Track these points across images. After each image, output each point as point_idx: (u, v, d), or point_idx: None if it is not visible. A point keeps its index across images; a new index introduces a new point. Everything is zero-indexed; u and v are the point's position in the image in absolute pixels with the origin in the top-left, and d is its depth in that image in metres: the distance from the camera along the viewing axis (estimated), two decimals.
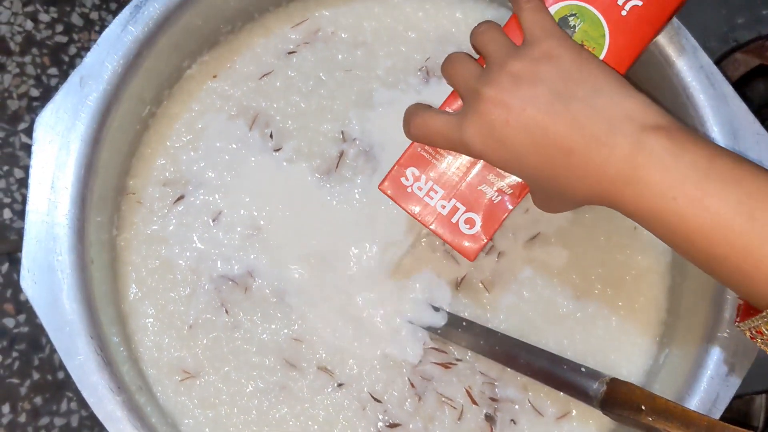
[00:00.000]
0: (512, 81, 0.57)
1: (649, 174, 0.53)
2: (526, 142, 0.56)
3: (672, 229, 0.54)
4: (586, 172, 0.55)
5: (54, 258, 0.67)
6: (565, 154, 0.56)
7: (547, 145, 0.56)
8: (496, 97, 0.57)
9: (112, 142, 0.72)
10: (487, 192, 0.64)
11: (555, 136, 0.56)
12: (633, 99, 0.56)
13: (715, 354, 0.71)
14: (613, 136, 0.54)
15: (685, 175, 0.53)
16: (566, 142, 0.55)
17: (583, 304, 0.78)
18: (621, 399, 0.67)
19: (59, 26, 0.96)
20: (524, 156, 0.57)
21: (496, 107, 0.57)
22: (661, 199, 0.53)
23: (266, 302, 0.77)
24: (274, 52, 0.81)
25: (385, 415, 0.75)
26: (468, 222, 0.64)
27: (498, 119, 0.57)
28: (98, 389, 0.66)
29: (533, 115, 0.56)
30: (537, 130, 0.56)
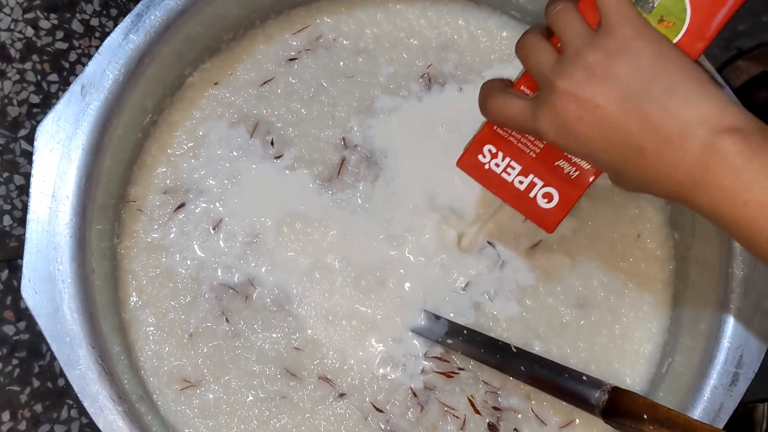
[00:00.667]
0: (586, 75, 0.56)
1: (719, 178, 0.53)
2: (598, 138, 0.56)
3: (743, 232, 0.53)
4: (658, 172, 0.55)
5: (55, 267, 0.67)
6: (636, 153, 0.55)
7: (618, 143, 0.55)
8: (568, 91, 0.56)
9: (113, 151, 0.72)
10: (564, 167, 0.64)
11: (627, 135, 0.55)
12: (711, 99, 0.54)
13: (719, 363, 0.71)
14: (685, 139, 0.54)
15: (756, 179, 0.52)
16: (638, 141, 0.55)
17: (587, 313, 0.78)
18: (623, 408, 0.67)
19: (59, 33, 0.96)
20: (596, 151, 0.57)
21: (569, 102, 0.56)
22: (732, 203, 0.52)
23: (267, 311, 0.76)
24: (276, 59, 0.80)
25: (387, 425, 0.75)
26: (546, 196, 0.65)
27: (571, 114, 0.56)
28: (99, 399, 0.66)
29: (605, 113, 0.55)
30: (609, 127, 0.55)
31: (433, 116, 0.79)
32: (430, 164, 0.78)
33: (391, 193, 0.78)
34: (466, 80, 0.80)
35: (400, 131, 0.79)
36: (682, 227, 0.78)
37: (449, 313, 0.77)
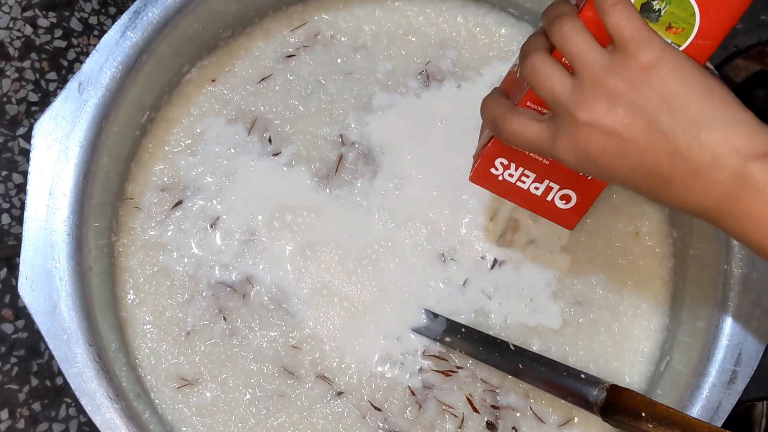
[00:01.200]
0: (609, 106, 0.53)
1: (750, 208, 0.51)
2: (624, 168, 0.54)
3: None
4: (685, 200, 0.53)
5: (52, 265, 0.67)
6: (663, 182, 0.53)
7: (645, 172, 0.54)
8: (591, 122, 0.53)
9: (111, 148, 0.72)
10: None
11: (654, 166, 0.53)
12: (739, 126, 0.52)
13: (717, 361, 0.70)
14: (715, 170, 0.52)
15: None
16: (666, 172, 0.53)
17: (585, 310, 0.78)
18: (621, 405, 0.67)
19: (58, 31, 0.96)
20: (621, 179, 0.55)
21: (591, 133, 0.54)
22: (764, 232, 0.51)
23: (264, 309, 0.76)
24: (273, 56, 0.80)
25: (385, 424, 0.75)
26: (564, 198, 0.65)
27: (594, 146, 0.54)
28: (96, 397, 0.66)
29: (631, 145, 0.53)
30: (635, 158, 0.53)
31: (431, 113, 0.79)
32: (428, 161, 0.78)
33: (388, 190, 0.78)
34: (464, 77, 0.80)
35: (397, 128, 0.79)
36: (681, 225, 0.78)
37: (447, 310, 0.77)
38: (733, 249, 0.71)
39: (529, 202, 0.66)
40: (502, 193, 0.66)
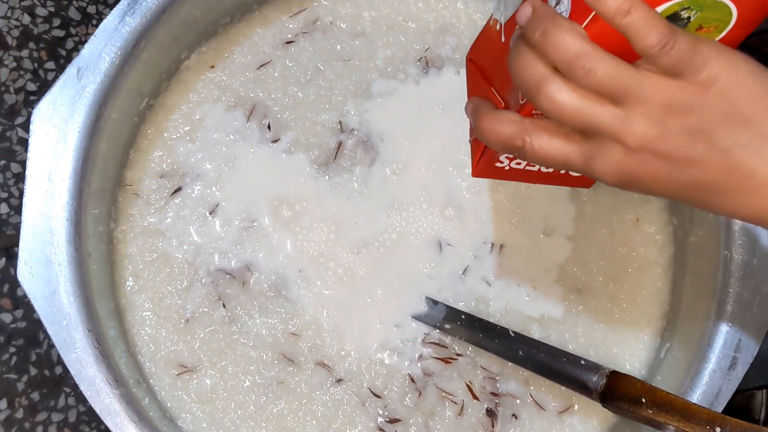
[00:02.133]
0: (662, 129, 0.47)
1: None
2: (673, 185, 0.50)
3: None
4: (742, 210, 0.50)
5: (51, 251, 0.67)
6: (718, 196, 0.49)
7: (698, 189, 0.49)
8: (642, 147, 0.48)
9: (110, 134, 0.71)
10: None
11: (711, 184, 0.49)
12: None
13: (717, 348, 0.70)
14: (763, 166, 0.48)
15: None
16: (722, 187, 0.49)
17: (585, 298, 0.78)
18: (621, 392, 0.67)
19: (56, 20, 0.96)
20: (667, 194, 0.51)
21: (642, 158, 0.48)
22: None
23: (264, 296, 0.76)
24: (272, 42, 0.80)
25: (385, 411, 0.75)
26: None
27: (644, 170, 0.49)
28: (96, 382, 0.65)
29: (687, 165, 0.48)
30: (688, 176, 0.49)
31: (431, 100, 0.79)
32: (427, 148, 0.78)
33: (387, 176, 0.78)
34: (463, 64, 0.80)
35: (397, 115, 0.79)
36: (681, 212, 0.78)
37: (448, 298, 0.77)
38: (733, 235, 0.71)
39: (540, 178, 0.62)
40: (510, 178, 0.62)
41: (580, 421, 0.75)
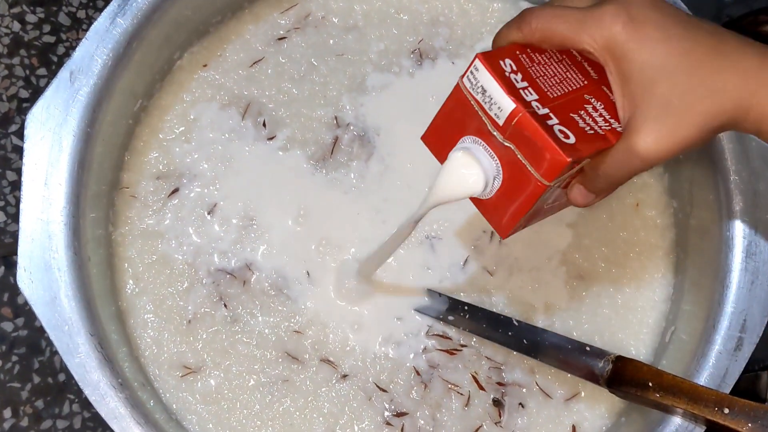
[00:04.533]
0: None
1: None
2: (679, 24, 0.52)
3: None
4: (744, 59, 0.51)
5: (50, 256, 0.66)
6: (720, 42, 0.52)
7: (699, 32, 0.52)
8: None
9: (105, 137, 0.71)
10: (579, 121, 0.56)
11: (703, 25, 0.53)
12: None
13: (723, 329, 0.70)
14: (757, 42, 0.52)
15: None
16: (718, 33, 0.52)
17: (588, 284, 0.77)
18: (627, 376, 0.67)
19: (46, 26, 0.96)
20: (675, 37, 0.52)
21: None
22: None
23: (265, 295, 0.76)
24: (264, 39, 0.80)
25: (391, 405, 0.74)
26: (562, 132, 0.55)
27: (646, 1, 0.53)
28: (100, 386, 0.65)
29: (678, 11, 0.53)
30: (684, 19, 0.53)
31: (426, 92, 0.79)
32: None
33: (385, 170, 0.78)
34: (457, 54, 0.80)
35: (392, 108, 0.79)
36: (680, 195, 0.78)
37: (449, 289, 0.77)
38: (734, 216, 0.71)
39: (528, 112, 0.56)
40: (505, 87, 0.57)
41: (588, 408, 0.75)
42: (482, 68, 0.55)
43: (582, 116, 0.56)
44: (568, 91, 0.56)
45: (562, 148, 0.53)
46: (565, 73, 0.57)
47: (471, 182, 0.57)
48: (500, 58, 0.56)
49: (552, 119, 0.54)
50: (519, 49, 0.57)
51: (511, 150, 0.55)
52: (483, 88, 0.55)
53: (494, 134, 0.55)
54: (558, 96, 0.56)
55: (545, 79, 0.56)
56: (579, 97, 0.56)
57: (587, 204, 0.59)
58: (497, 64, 0.56)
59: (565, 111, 0.55)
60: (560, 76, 0.57)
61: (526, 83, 0.56)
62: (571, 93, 0.56)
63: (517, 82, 0.55)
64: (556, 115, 0.55)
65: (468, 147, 0.57)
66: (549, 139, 0.53)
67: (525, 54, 0.57)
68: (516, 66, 0.56)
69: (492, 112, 0.55)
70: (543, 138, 0.53)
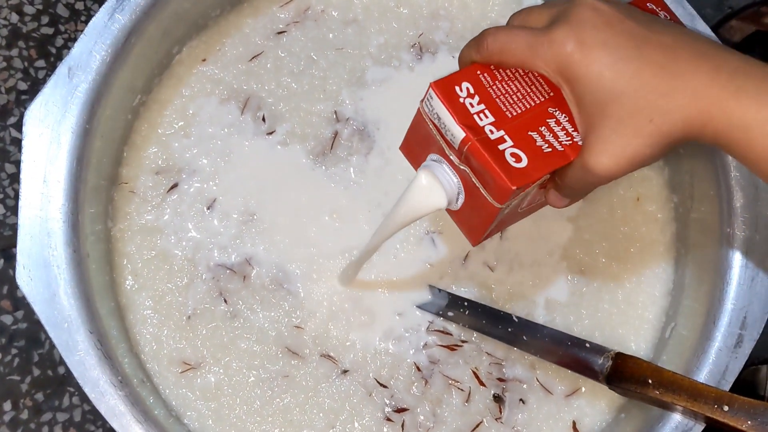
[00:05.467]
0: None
1: (765, 81, 0.50)
2: (630, 44, 0.53)
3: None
4: (694, 78, 0.51)
5: (49, 253, 0.66)
6: (672, 60, 0.52)
7: (651, 50, 0.52)
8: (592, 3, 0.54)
9: (103, 133, 0.71)
10: (537, 139, 0.57)
11: (660, 43, 0.52)
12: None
13: (723, 326, 0.70)
14: (720, 52, 0.52)
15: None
16: (674, 50, 0.52)
17: (588, 279, 0.77)
18: (627, 373, 0.67)
19: (45, 18, 0.95)
20: (623, 59, 0.52)
21: (595, 7, 0.54)
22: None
23: (265, 290, 0.76)
24: (264, 33, 0.79)
25: (392, 400, 0.74)
26: (514, 156, 0.57)
27: (599, 19, 0.53)
28: (100, 384, 0.65)
29: (634, 25, 0.53)
30: (639, 35, 0.53)
31: (426, 86, 0.77)
32: None
33: (385, 165, 0.78)
34: (457, 48, 0.78)
35: (392, 102, 0.78)
36: (681, 189, 0.78)
37: (450, 284, 0.76)
38: (735, 212, 0.71)
39: (479, 139, 0.58)
40: (454, 114, 0.59)
41: (588, 404, 0.75)
42: (435, 97, 0.58)
43: (542, 132, 0.57)
44: (530, 107, 0.58)
45: (509, 175, 0.55)
46: (529, 86, 0.58)
47: (434, 200, 0.60)
48: (457, 83, 0.58)
49: (505, 142, 0.56)
50: (481, 69, 0.59)
51: (466, 172, 0.58)
52: (438, 115, 0.58)
53: (452, 157, 0.58)
54: (518, 114, 0.58)
55: (507, 97, 0.58)
56: (542, 111, 0.57)
57: (564, 206, 0.61)
58: (452, 90, 0.58)
59: (522, 130, 0.57)
60: (524, 91, 0.58)
61: (482, 106, 0.57)
62: (534, 108, 0.58)
63: (471, 106, 0.57)
64: (512, 136, 0.57)
65: (432, 165, 0.60)
66: (496, 167, 0.55)
67: (487, 72, 0.59)
68: (474, 88, 0.58)
69: (447, 137, 0.57)
70: (491, 166, 0.55)
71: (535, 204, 0.63)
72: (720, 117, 0.50)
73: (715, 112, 0.51)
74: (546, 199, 0.61)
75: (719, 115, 0.50)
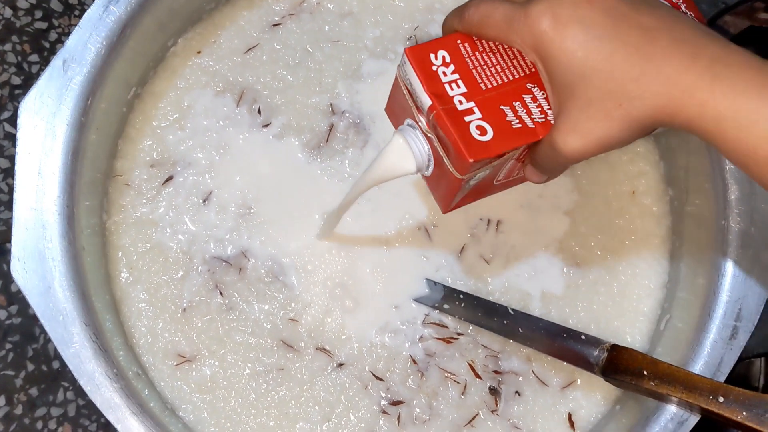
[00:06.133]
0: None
1: (742, 70, 0.48)
2: (606, 23, 0.51)
3: (765, 133, 0.48)
4: (668, 65, 0.50)
5: (44, 246, 0.66)
6: (648, 43, 0.51)
7: (628, 31, 0.51)
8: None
9: (99, 125, 0.71)
10: (508, 114, 0.57)
11: (639, 24, 0.51)
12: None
13: (718, 318, 0.70)
14: (701, 38, 0.50)
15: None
16: (652, 32, 0.51)
17: (584, 272, 0.77)
18: (623, 365, 0.67)
19: (38, 12, 0.95)
20: (597, 38, 0.51)
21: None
22: (756, 95, 0.48)
23: (261, 283, 0.76)
24: (259, 25, 0.79)
25: (387, 393, 0.74)
26: (479, 129, 0.56)
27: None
28: (95, 377, 0.65)
29: (616, 2, 0.51)
30: (619, 14, 0.51)
31: None
32: None
33: None
34: None
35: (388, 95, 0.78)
36: (677, 183, 0.78)
37: (446, 277, 0.76)
38: (730, 204, 0.71)
39: (445, 108, 0.58)
40: (425, 82, 0.59)
41: (584, 396, 0.75)
42: (407, 62, 0.57)
43: (515, 108, 0.57)
44: (508, 81, 0.57)
45: (468, 147, 0.55)
46: (511, 60, 0.57)
47: (404, 165, 0.60)
48: (433, 50, 0.58)
49: (473, 114, 0.56)
50: (462, 38, 0.58)
51: (433, 141, 0.58)
52: (410, 81, 0.57)
53: (421, 123, 0.58)
54: (494, 87, 0.57)
55: (485, 69, 0.58)
56: (520, 86, 0.57)
57: (542, 182, 0.60)
58: (426, 57, 0.58)
59: (495, 103, 0.57)
60: (504, 64, 0.57)
61: (456, 76, 0.57)
62: (511, 82, 0.57)
63: (444, 75, 0.57)
64: (482, 108, 0.56)
65: (406, 130, 0.60)
66: (456, 138, 0.55)
67: (469, 42, 0.58)
68: (451, 57, 0.58)
69: (418, 104, 0.57)
70: (452, 136, 0.56)
71: (514, 178, 0.62)
72: (692, 106, 0.50)
73: (687, 101, 0.50)
74: (525, 174, 0.61)
75: (691, 104, 0.49)
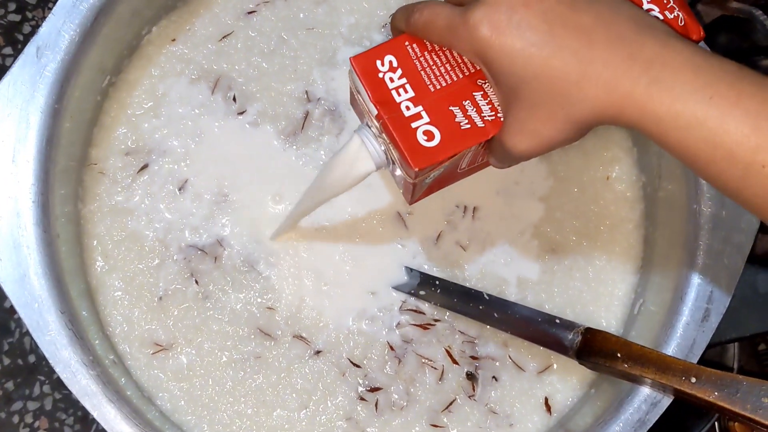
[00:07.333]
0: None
1: (680, 71, 0.49)
2: (543, 28, 0.51)
3: (704, 135, 0.48)
4: (606, 69, 0.50)
5: (19, 233, 0.66)
6: (585, 45, 0.50)
7: (565, 34, 0.51)
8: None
9: (73, 113, 0.71)
10: (457, 115, 0.58)
11: (576, 25, 0.51)
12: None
13: (690, 300, 0.71)
14: (640, 35, 0.50)
15: (718, 75, 0.48)
16: (589, 33, 0.51)
17: (559, 257, 0.78)
18: (596, 348, 0.68)
19: (12, 5, 0.94)
20: (535, 45, 0.51)
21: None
22: (694, 98, 0.48)
23: (237, 271, 0.75)
24: (234, 13, 0.79)
25: (365, 380, 0.74)
26: (426, 134, 0.57)
27: (516, 2, 0.51)
28: (71, 364, 0.65)
29: (554, 4, 0.51)
30: (556, 17, 0.51)
31: None
32: None
33: None
34: None
35: None
36: (649, 169, 0.78)
37: (422, 264, 0.77)
38: (701, 189, 0.72)
39: (392, 116, 0.58)
40: (373, 92, 0.59)
41: (560, 380, 0.76)
42: (353, 72, 0.58)
43: (465, 107, 0.57)
44: (458, 79, 0.58)
45: (414, 155, 0.56)
46: (460, 57, 0.58)
47: (363, 165, 0.61)
48: (379, 56, 0.59)
49: (421, 119, 0.57)
50: (410, 39, 0.59)
51: (387, 143, 0.59)
52: (357, 88, 0.59)
53: (373, 129, 0.59)
54: (443, 87, 0.58)
55: (434, 69, 0.58)
56: (470, 83, 0.58)
57: (504, 168, 0.61)
58: (372, 64, 0.58)
59: (444, 104, 0.57)
60: (454, 62, 0.58)
61: (404, 80, 0.58)
62: (461, 81, 0.58)
63: (391, 81, 0.58)
64: (430, 112, 0.57)
65: (362, 131, 0.61)
66: (402, 147, 0.56)
67: (417, 43, 0.59)
68: (398, 61, 0.58)
69: (368, 109, 0.58)
70: (397, 145, 0.56)
71: (478, 164, 0.63)
72: (632, 109, 0.50)
73: (627, 104, 0.50)
74: (489, 161, 0.62)
75: (631, 107, 0.50)
